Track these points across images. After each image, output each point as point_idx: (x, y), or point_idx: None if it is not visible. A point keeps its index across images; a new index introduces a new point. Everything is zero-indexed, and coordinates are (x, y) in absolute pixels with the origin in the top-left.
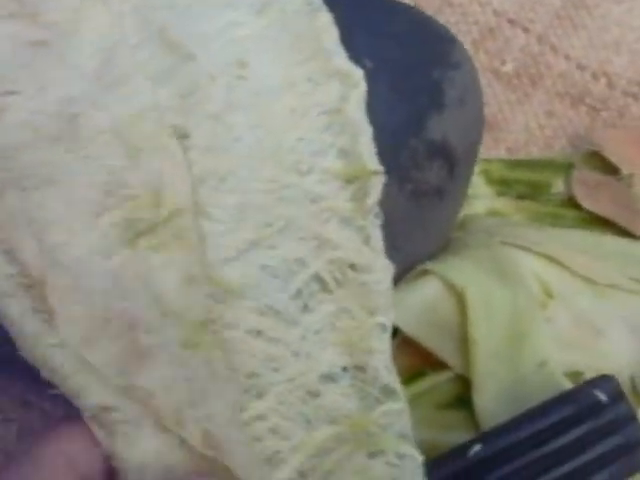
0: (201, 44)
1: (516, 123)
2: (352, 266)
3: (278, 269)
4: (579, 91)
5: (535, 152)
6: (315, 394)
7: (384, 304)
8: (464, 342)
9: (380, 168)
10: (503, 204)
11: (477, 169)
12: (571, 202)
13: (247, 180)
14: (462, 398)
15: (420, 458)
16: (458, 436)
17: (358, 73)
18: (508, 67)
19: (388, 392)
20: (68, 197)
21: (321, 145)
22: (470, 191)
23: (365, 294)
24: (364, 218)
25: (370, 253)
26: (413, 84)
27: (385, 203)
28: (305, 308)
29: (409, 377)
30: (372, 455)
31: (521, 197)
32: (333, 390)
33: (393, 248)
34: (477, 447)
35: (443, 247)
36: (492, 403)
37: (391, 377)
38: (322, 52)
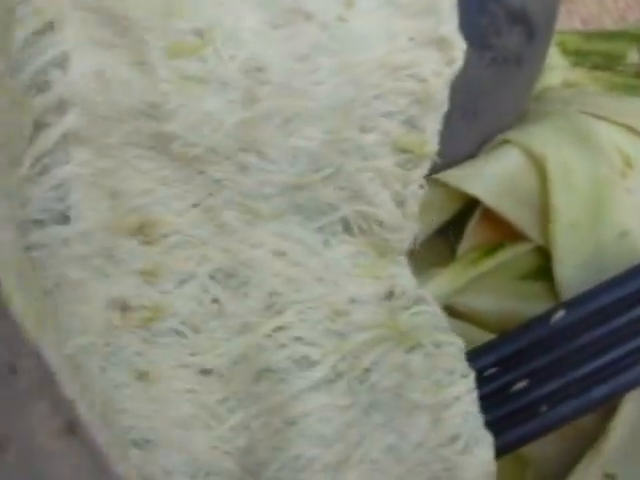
0: None
1: None
2: (380, 223)
3: (307, 208)
4: None
5: (609, 24)
6: (343, 313)
7: (400, 251)
8: (544, 213)
9: (435, 150)
10: (578, 75)
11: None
12: None
13: (310, 125)
14: (542, 269)
15: (460, 343)
16: (538, 306)
17: (461, 47)
18: None
19: (418, 300)
20: None
21: (392, 108)
22: (545, 62)
23: (384, 246)
24: (405, 187)
25: (401, 217)
26: None
27: (465, 71)
28: (326, 243)
29: (488, 249)
30: (410, 349)
31: (596, 68)
32: (361, 309)
33: (472, 116)
34: (560, 313)
35: (522, 117)
36: (573, 274)
37: (420, 290)
38: (436, 13)
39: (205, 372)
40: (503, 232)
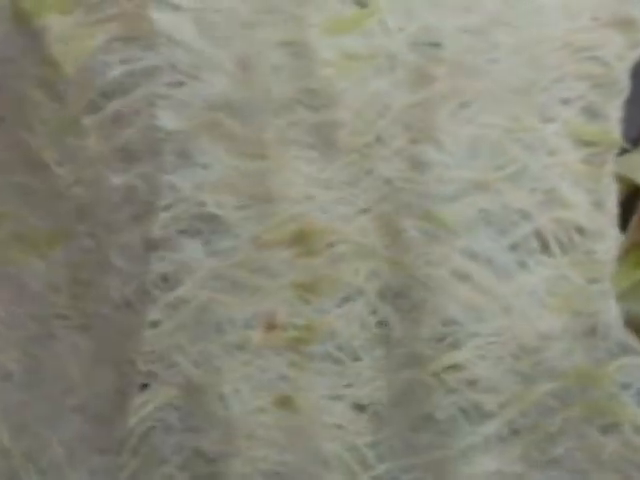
0: None
1: None
2: (580, 230)
3: (496, 216)
4: None
5: None
6: (532, 351)
7: (607, 274)
8: None
9: (620, 140)
10: None
11: None
12: None
13: (489, 112)
14: None
15: None
16: None
17: None
18: None
19: (623, 347)
20: None
21: (572, 93)
22: None
23: (589, 263)
24: (598, 182)
25: (602, 219)
26: None
27: None
28: (522, 265)
29: None
30: (605, 430)
31: None
32: (554, 346)
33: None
34: None
35: None
36: None
37: (626, 335)
38: None
39: (359, 408)
40: None
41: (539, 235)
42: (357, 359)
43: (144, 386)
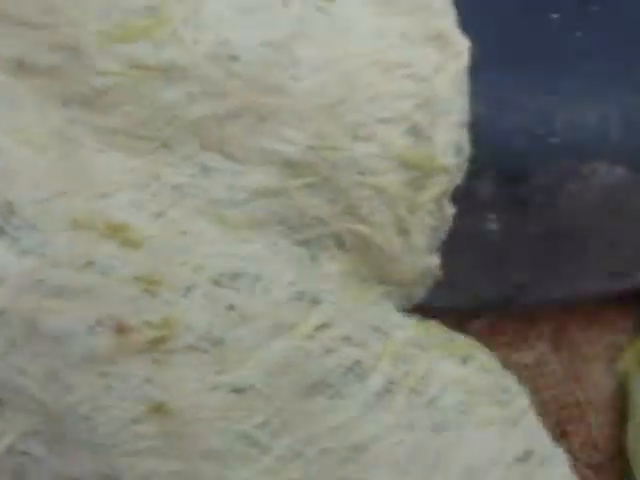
0: None
1: None
2: (378, 248)
3: (289, 219)
4: None
5: None
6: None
7: (403, 294)
8: None
9: (450, 165)
10: None
11: None
12: None
13: (291, 127)
14: None
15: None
16: None
17: (463, 43)
18: None
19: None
20: None
21: (393, 114)
22: None
23: (382, 274)
24: (411, 213)
25: (401, 248)
26: None
27: None
28: (314, 259)
29: None
30: (463, 361)
31: None
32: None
33: None
34: None
35: None
36: None
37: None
38: (426, 9)
39: (238, 391)
40: None
41: (335, 236)
42: (221, 343)
43: None
